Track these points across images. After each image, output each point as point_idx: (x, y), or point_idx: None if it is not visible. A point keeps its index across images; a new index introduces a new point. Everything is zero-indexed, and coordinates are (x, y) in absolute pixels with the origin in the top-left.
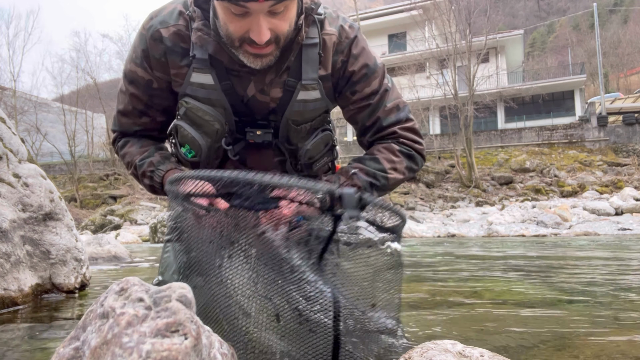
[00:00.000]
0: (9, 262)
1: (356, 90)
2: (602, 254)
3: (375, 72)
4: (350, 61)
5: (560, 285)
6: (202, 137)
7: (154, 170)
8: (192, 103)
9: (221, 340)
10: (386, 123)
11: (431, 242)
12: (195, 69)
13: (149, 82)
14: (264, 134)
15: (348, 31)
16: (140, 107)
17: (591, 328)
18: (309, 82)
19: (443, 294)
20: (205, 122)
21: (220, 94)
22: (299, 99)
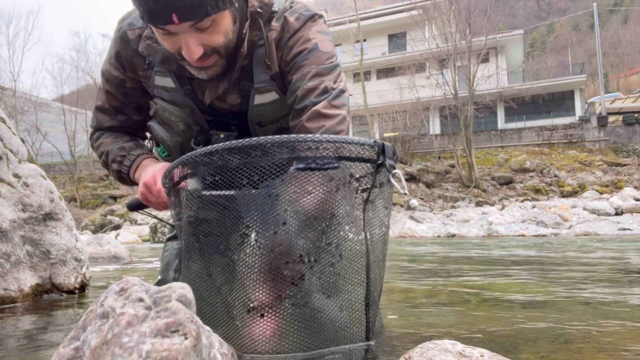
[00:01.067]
0: (9, 262)
1: (289, 79)
2: (602, 253)
3: (311, 57)
4: (285, 52)
5: (560, 285)
6: (172, 136)
7: (125, 155)
8: (160, 104)
9: (221, 340)
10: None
11: (431, 242)
12: (157, 72)
13: (123, 81)
14: (227, 137)
15: (292, 23)
16: (115, 105)
17: (592, 328)
18: (261, 85)
19: (443, 294)
20: (172, 123)
21: (183, 96)
22: (256, 104)
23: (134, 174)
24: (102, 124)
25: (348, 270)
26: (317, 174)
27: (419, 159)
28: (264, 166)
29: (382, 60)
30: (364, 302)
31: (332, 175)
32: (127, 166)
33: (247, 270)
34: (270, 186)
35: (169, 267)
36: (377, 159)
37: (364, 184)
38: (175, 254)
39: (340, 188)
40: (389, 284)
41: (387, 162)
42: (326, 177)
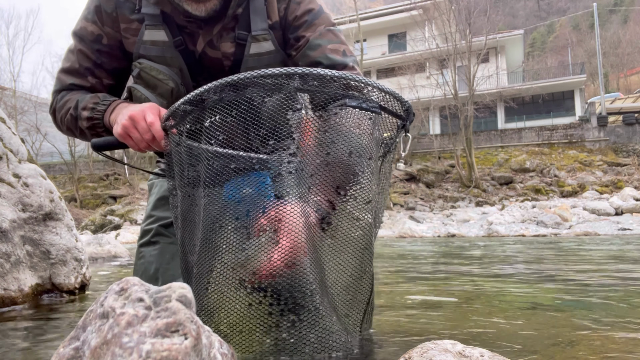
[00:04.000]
0: (9, 262)
1: (299, 36)
2: (602, 253)
3: (320, 17)
4: (292, 7)
5: (560, 285)
6: (157, 98)
7: (98, 102)
8: (146, 63)
9: (221, 340)
10: (329, 62)
11: (431, 242)
12: (148, 25)
13: (99, 37)
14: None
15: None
16: (87, 65)
17: (592, 327)
18: (259, 32)
19: (443, 294)
20: (159, 82)
21: (174, 52)
22: (252, 53)
23: (109, 117)
24: (67, 83)
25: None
26: (363, 114)
27: (419, 159)
28: (319, 96)
29: (382, 60)
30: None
31: (374, 119)
32: (101, 110)
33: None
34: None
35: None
36: (406, 118)
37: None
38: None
39: (375, 134)
40: (389, 284)
41: (408, 125)
42: (370, 119)
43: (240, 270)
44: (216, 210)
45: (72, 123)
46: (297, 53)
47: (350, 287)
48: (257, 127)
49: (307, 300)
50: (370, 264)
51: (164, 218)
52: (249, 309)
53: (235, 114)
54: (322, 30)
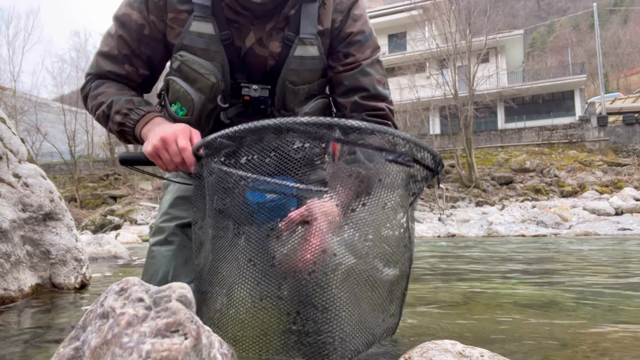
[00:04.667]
0: (9, 262)
1: (349, 53)
2: (602, 253)
3: (371, 41)
4: (349, 22)
5: (560, 285)
6: (196, 92)
7: (132, 109)
8: (188, 56)
9: (221, 340)
10: (375, 92)
11: (431, 242)
12: (197, 17)
13: (141, 26)
14: (261, 90)
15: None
16: (125, 52)
17: (592, 327)
18: (307, 36)
19: (443, 294)
20: (199, 77)
21: (219, 46)
22: (296, 55)
23: (140, 130)
24: (104, 69)
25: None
26: (398, 167)
27: None
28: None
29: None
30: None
31: (408, 172)
32: (134, 120)
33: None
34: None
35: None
36: (437, 170)
37: (414, 188)
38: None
39: (406, 187)
40: None
41: (439, 176)
42: (404, 172)
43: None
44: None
45: (103, 119)
46: (343, 70)
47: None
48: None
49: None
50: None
51: (181, 217)
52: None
53: (273, 156)
54: (372, 59)
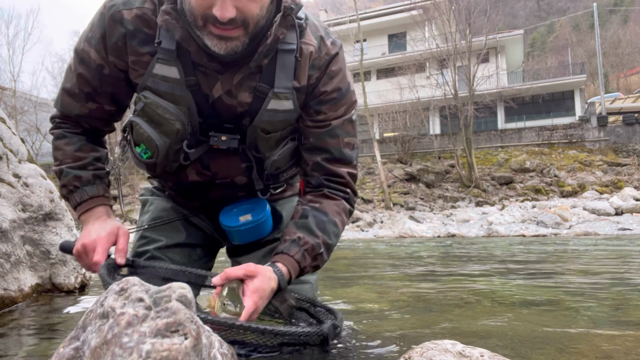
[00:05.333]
0: (9, 262)
1: (321, 111)
2: (602, 253)
3: (346, 98)
4: (325, 79)
5: (560, 285)
6: (160, 137)
7: (78, 187)
8: (152, 98)
9: (221, 340)
10: (339, 155)
11: (431, 242)
12: (160, 59)
13: (100, 66)
14: (230, 140)
15: (329, 47)
16: (87, 90)
17: (592, 327)
18: (282, 90)
19: (443, 294)
20: (164, 121)
21: (184, 90)
22: (269, 108)
23: (79, 215)
24: (68, 110)
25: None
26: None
27: (419, 159)
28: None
29: (382, 60)
30: None
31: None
32: (75, 201)
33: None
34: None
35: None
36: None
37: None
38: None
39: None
40: (389, 284)
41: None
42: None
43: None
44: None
45: (56, 176)
46: (312, 126)
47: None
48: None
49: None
50: None
51: (159, 240)
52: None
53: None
54: (344, 118)
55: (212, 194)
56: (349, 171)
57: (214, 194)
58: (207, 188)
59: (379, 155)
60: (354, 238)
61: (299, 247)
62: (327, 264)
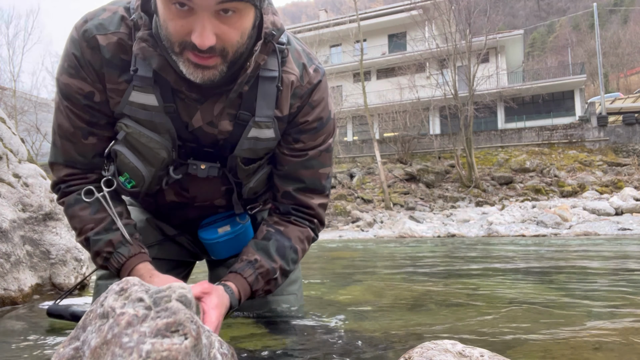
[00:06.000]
0: (9, 262)
1: (299, 139)
2: (602, 253)
3: (327, 126)
4: (306, 109)
5: (560, 285)
6: (146, 166)
7: (112, 253)
8: (134, 127)
9: (221, 340)
10: (312, 186)
11: (431, 242)
12: (136, 87)
13: (90, 94)
14: (209, 169)
15: (312, 75)
16: (82, 126)
17: (592, 327)
18: (263, 119)
19: (443, 294)
20: (149, 150)
21: (164, 117)
22: (250, 137)
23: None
24: (71, 157)
25: None
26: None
27: (419, 159)
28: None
29: (382, 60)
30: None
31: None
32: (115, 267)
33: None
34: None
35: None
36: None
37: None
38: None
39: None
40: (389, 284)
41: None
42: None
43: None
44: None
45: (84, 245)
46: (289, 154)
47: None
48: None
49: None
50: None
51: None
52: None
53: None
54: (321, 148)
55: (190, 213)
56: (320, 202)
57: (192, 213)
58: (185, 208)
59: (379, 155)
60: (354, 238)
61: (253, 270)
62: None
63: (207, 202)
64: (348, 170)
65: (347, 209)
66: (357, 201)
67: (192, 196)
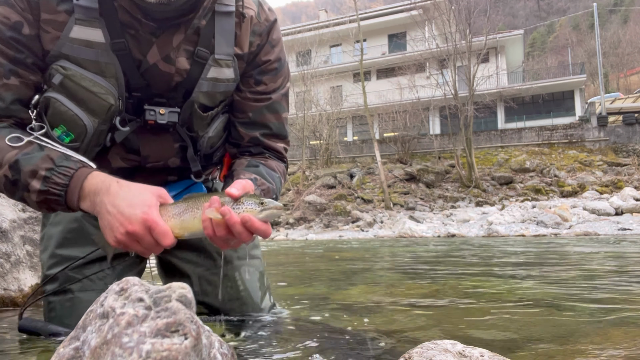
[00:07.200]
0: (9, 262)
1: (261, 81)
2: (602, 253)
3: (284, 67)
4: (267, 48)
5: (560, 285)
6: (88, 116)
7: (52, 168)
8: (73, 70)
9: (221, 340)
10: (277, 131)
11: (431, 242)
12: (79, 20)
13: (18, 24)
14: (169, 114)
15: (268, 13)
16: (3, 62)
17: (592, 327)
18: (223, 57)
19: (443, 294)
20: (92, 96)
21: (111, 56)
22: (209, 77)
23: (77, 200)
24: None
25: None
26: None
27: (419, 159)
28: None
29: (382, 60)
30: None
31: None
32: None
33: None
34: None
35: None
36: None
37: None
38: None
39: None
40: (389, 284)
41: None
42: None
43: None
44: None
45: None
46: (252, 98)
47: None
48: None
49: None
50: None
51: (74, 257)
52: None
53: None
54: (281, 92)
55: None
56: (284, 146)
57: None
58: (132, 175)
59: (379, 155)
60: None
61: (256, 186)
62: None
63: (161, 163)
64: (348, 170)
65: (347, 209)
66: (357, 201)
67: (143, 157)
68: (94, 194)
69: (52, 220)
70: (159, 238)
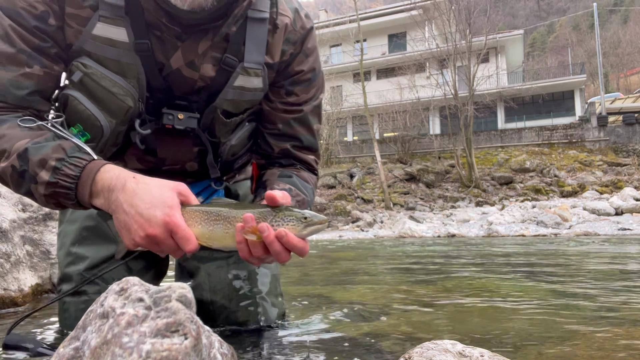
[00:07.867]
0: (9, 262)
1: (293, 92)
2: (602, 253)
3: (318, 78)
4: (300, 57)
5: (560, 285)
6: (106, 117)
7: (63, 159)
8: (94, 68)
9: (221, 340)
10: (308, 143)
11: (431, 242)
12: (103, 17)
13: (45, 14)
14: (188, 119)
15: (304, 20)
16: (28, 50)
17: (592, 327)
18: (252, 65)
19: (443, 294)
20: (111, 97)
21: (134, 57)
22: (236, 85)
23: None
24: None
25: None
26: None
27: (419, 159)
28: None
29: (382, 60)
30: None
31: None
32: (71, 176)
33: None
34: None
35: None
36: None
37: None
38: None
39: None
40: (389, 284)
41: None
42: None
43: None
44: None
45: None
46: (282, 109)
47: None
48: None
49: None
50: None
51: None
52: None
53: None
54: (314, 104)
55: None
56: (315, 159)
57: None
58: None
59: (379, 155)
60: (354, 238)
61: (292, 197)
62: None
63: (178, 166)
64: (348, 170)
65: (347, 209)
66: (357, 201)
67: (160, 159)
68: (109, 191)
69: (68, 218)
70: (181, 243)
